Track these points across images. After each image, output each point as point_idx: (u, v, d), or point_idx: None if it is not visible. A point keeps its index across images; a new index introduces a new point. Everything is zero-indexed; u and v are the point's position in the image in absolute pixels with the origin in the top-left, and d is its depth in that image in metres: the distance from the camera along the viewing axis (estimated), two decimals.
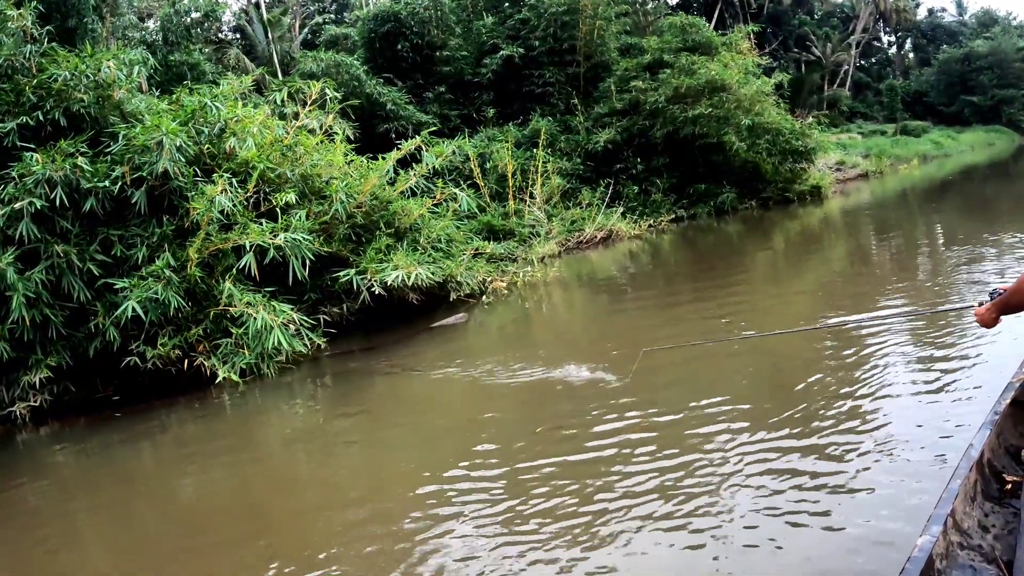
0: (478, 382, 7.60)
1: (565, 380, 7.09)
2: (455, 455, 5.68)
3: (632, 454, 5.13)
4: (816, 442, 4.93)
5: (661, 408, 5.94)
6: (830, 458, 4.65)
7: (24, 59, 10.11)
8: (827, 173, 22.78)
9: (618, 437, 5.43)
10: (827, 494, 4.21)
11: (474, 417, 6.67)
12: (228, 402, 8.27)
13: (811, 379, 6.20)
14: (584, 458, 5.17)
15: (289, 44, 27.80)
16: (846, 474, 4.40)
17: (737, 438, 5.14)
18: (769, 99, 20.07)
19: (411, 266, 9.76)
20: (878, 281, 10.49)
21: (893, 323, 7.40)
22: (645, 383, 6.54)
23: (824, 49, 46.97)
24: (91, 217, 9.17)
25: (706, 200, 20.77)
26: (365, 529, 4.72)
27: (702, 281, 12.05)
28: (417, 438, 6.40)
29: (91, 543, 5.48)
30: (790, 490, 4.30)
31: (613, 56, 22.94)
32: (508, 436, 5.95)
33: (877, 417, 5.23)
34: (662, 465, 4.89)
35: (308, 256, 9.09)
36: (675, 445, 5.19)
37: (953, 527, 2.92)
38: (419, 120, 21.16)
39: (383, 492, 5.35)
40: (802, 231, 17.57)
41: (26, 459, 7.92)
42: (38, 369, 8.71)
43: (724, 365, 6.95)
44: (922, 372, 6.04)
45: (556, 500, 4.59)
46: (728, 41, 21.87)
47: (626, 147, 21.06)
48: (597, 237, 18.16)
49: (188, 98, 10.73)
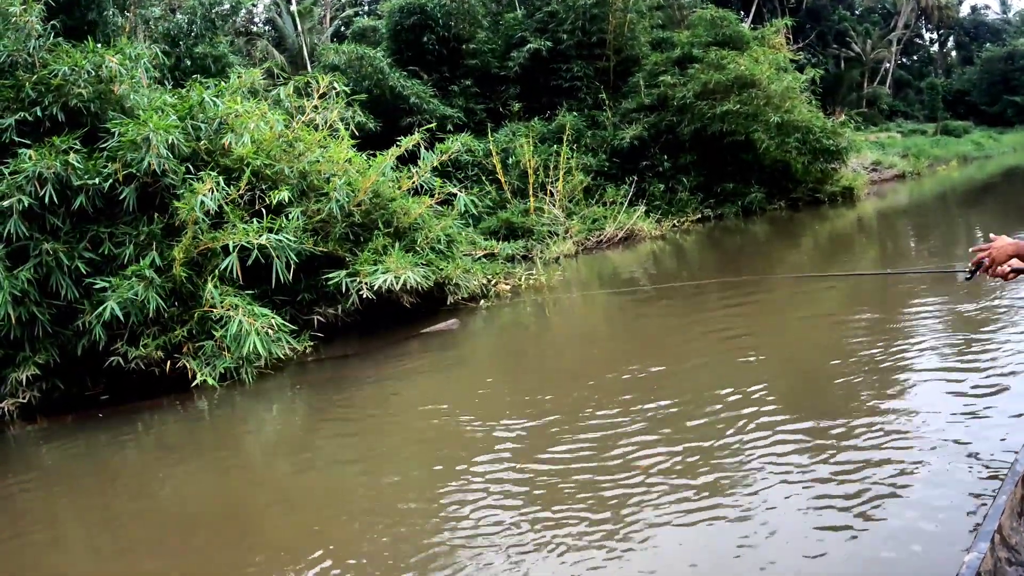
0: (450, 401, 7.36)
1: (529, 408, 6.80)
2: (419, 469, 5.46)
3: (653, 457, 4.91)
4: (860, 445, 4.68)
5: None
6: (872, 464, 4.37)
7: (27, 55, 10.12)
8: (860, 174, 21.93)
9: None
10: (868, 503, 3.95)
11: (438, 434, 6.42)
12: (206, 407, 8.15)
13: (853, 377, 5.96)
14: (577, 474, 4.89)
15: (319, 36, 27.80)
16: (889, 482, 4.15)
17: (769, 430, 5.04)
18: (800, 96, 19.37)
19: (401, 269, 9.53)
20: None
21: (943, 320, 7.28)
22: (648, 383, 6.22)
23: (864, 46, 45.60)
24: (81, 214, 9.13)
25: (733, 200, 20.19)
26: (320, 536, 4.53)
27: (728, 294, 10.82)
28: (370, 453, 6.17)
29: (74, 541, 5.47)
30: (827, 498, 4.07)
31: (644, 50, 22.44)
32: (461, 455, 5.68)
33: (923, 421, 4.93)
34: (688, 461, 4.77)
35: (291, 258, 8.92)
36: (706, 438, 5.07)
37: (1001, 543, 2.84)
38: (443, 114, 20.96)
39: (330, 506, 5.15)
40: (834, 234, 16.91)
41: (15, 455, 7.94)
42: (25, 366, 8.71)
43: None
44: (974, 374, 5.68)
45: (518, 515, 4.32)
46: (760, 35, 21.20)
47: (653, 144, 20.58)
48: (617, 236, 17.75)
49: (175, 94, 10.63)
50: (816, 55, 41.41)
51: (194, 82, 12.81)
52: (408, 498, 4.97)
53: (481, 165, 19.95)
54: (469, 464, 5.31)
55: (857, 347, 6.78)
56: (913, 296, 8.64)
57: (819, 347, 7.28)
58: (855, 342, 6.98)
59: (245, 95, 12.40)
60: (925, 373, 5.90)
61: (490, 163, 19.28)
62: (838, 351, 6.79)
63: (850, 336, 7.27)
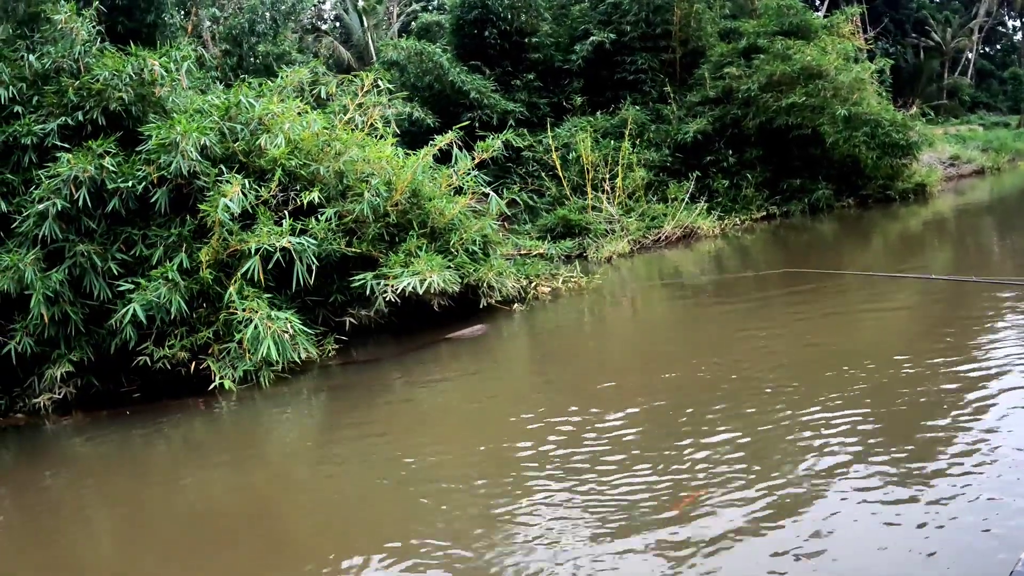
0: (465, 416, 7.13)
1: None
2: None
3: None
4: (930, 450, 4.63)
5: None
6: (944, 474, 4.31)
7: (72, 61, 10.36)
8: (935, 169, 20.49)
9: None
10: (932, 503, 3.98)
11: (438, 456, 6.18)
12: (225, 409, 8.16)
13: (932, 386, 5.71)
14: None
15: (385, 32, 27.95)
16: (963, 485, 4.13)
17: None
18: (870, 87, 18.24)
19: (428, 272, 9.34)
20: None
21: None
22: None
23: (944, 34, 42.96)
24: (115, 216, 9.30)
25: (800, 197, 19.21)
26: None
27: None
28: (373, 469, 5.99)
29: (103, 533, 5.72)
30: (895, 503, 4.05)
31: (711, 41, 21.63)
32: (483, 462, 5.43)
33: (992, 428, 4.80)
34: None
35: (312, 260, 8.84)
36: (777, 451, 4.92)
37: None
38: (504, 108, 20.71)
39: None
40: (906, 234, 15.84)
41: (52, 447, 8.22)
42: (60, 364, 8.94)
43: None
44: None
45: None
46: (829, 24, 20.09)
47: (718, 138, 19.81)
48: (675, 235, 17.14)
49: (224, 95, 10.70)
50: (894, 44, 39.30)
51: (242, 82, 12.94)
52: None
53: (542, 161, 19.63)
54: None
55: (937, 356, 6.39)
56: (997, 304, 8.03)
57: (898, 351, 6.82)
58: (937, 349, 6.66)
59: (290, 94, 12.47)
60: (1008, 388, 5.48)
61: (551, 159, 18.93)
62: (918, 359, 6.42)
63: (933, 345, 6.90)
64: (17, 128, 9.73)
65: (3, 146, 9.75)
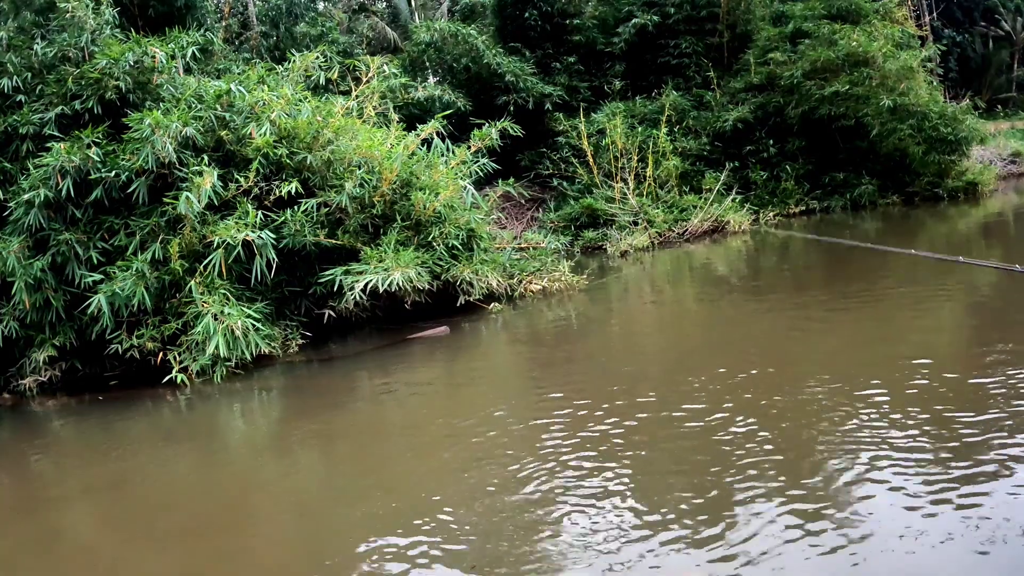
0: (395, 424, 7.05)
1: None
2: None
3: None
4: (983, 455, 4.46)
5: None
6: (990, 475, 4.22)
7: (77, 49, 10.62)
8: (989, 167, 19.08)
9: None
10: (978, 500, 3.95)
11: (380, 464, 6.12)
12: (183, 402, 8.31)
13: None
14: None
15: (434, 11, 27.82)
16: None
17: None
18: (920, 76, 17.07)
19: (394, 268, 9.27)
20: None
21: None
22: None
23: (1014, 24, 39.66)
24: (99, 206, 9.54)
25: (842, 191, 18.23)
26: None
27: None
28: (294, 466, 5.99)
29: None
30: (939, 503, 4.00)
31: (760, 25, 20.66)
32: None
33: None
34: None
35: (271, 255, 8.89)
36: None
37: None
38: (541, 92, 20.35)
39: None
40: (961, 234, 14.66)
41: (38, 425, 8.61)
42: (44, 348, 9.30)
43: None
44: None
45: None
46: (881, 8, 18.87)
47: (759, 127, 18.97)
48: (701, 229, 16.55)
49: (215, 83, 10.79)
50: (961, 33, 36.75)
51: (252, 67, 13.05)
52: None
53: (576, 146, 19.23)
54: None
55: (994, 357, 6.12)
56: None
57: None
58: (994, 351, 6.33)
59: (296, 79, 12.53)
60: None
61: (584, 144, 18.51)
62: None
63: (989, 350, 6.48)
64: (16, 118, 10.07)
65: (3, 135, 10.10)
